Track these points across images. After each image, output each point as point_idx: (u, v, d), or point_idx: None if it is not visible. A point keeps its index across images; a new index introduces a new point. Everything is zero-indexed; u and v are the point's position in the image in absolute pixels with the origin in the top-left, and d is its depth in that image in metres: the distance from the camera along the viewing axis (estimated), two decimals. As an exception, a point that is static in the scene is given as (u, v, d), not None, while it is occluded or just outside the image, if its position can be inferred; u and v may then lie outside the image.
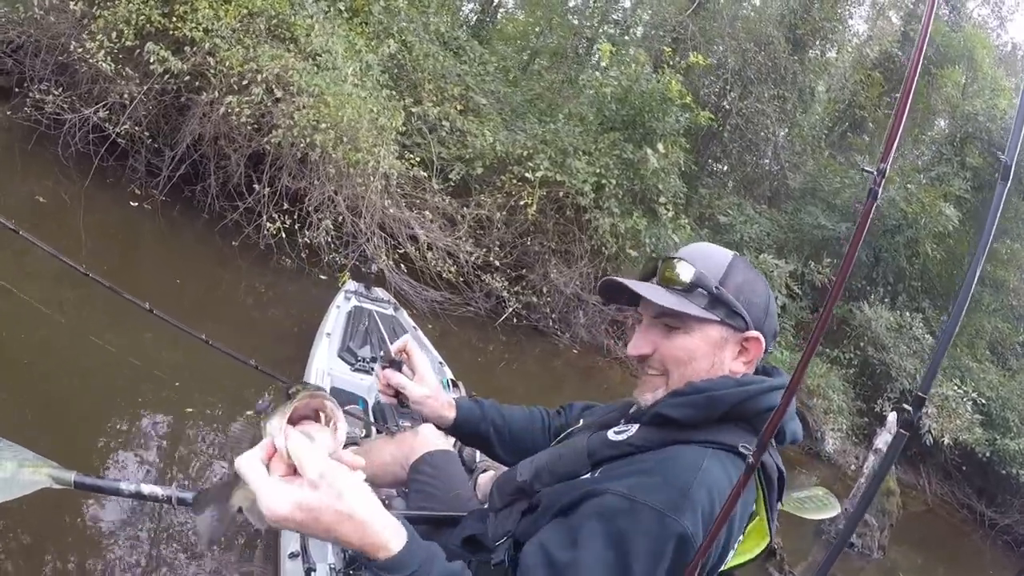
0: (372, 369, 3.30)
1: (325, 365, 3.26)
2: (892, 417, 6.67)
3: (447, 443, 1.90)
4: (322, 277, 5.58)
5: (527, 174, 6.55)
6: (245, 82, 4.99)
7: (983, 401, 8.06)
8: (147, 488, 1.14)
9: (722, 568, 1.02)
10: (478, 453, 2.06)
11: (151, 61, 4.91)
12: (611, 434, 1.09)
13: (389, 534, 0.78)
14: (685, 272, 1.07)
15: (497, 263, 6.44)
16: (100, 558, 2.48)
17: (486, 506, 1.32)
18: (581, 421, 1.34)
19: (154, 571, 2.53)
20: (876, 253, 8.97)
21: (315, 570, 1.88)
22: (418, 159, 6.15)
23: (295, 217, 5.31)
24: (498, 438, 1.41)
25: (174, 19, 5.02)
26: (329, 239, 5.42)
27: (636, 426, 1.08)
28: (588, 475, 1.06)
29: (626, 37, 9.84)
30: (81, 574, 2.40)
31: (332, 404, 0.77)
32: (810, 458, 8.05)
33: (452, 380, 3.23)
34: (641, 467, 0.99)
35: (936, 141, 10.03)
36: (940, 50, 9.44)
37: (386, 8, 6.78)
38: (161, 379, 3.58)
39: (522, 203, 6.60)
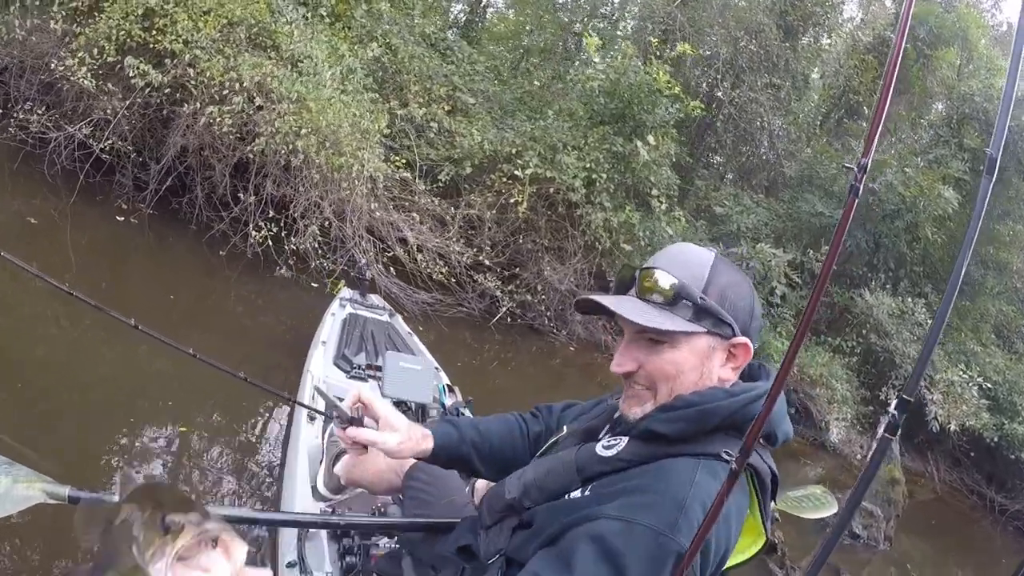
0: (368, 377, 3.28)
1: (321, 373, 3.26)
2: (896, 403, 6.58)
3: None
4: (313, 284, 5.58)
5: (516, 171, 6.53)
6: (226, 92, 5.01)
7: (989, 385, 7.94)
8: None
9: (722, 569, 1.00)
10: None
11: (132, 75, 4.93)
12: (600, 448, 1.06)
13: None
14: (665, 282, 1.01)
15: (488, 263, 6.42)
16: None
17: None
18: (564, 428, 1.31)
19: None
20: (876, 239, 8.85)
21: None
22: (404, 161, 6.14)
23: (281, 224, 5.32)
24: (478, 455, 1.38)
25: (154, 32, 5.04)
26: (316, 245, 5.42)
27: (625, 439, 1.05)
28: (579, 492, 1.04)
29: (617, 32, 9.80)
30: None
31: (219, 526, 0.68)
32: (815, 449, 7.96)
33: (448, 385, 3.20)
34: (633, 484, 0.96)
35: (933, 124, 9.90)
36: (933, 31, 9.32)
37: (369, 12, 6.77)
38: (155, 392, 3.59)
39: (512, 201, 6.59)
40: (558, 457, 1.14)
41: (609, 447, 1.05)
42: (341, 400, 1.33)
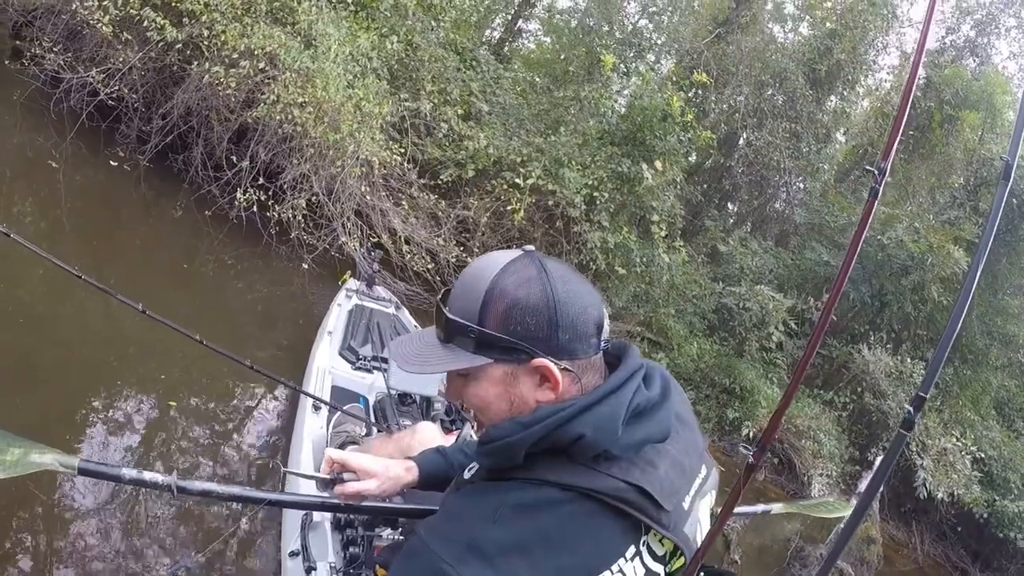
0: (373, 368, 3.31)
1: (327, 364, 3.27)
2: (879, 461, 6.35)
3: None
4: (305, 266, 5.60)
5: (518, 180, 6.52)
6: (236, 56, 5.11)
7: (982, 456, 7.60)
8: (148, 475, 1.14)
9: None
10: None
11: (148, 28, 5.07)
12: (466, 472, 1.05)
13: None
14: (440, 318, 0.96)
15: (475, 263, 6.37)
16: (100, 549, 2.47)
17: None
18: None
19: (155, 560, 2.53)
20: (882, 298, 8.66)
21: (315, 568, 1.90)
22: (403, 150, 6.18)
23: (269, 193, 5.36)
24: None
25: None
26: (300, 217, 5.43)
27: (476, 464, 1.04)
28: None
29: (640, 69, 9.87)
30: (81, 562, 2.40)
31: None
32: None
33: None
34: (444, 508, 0.95)
35: (950, 186, 9.76)
36: (960, 94, 9.26)
37: (395, 6, 6.89)
38: (153, 366, 3.59)
39: (510, 208, 6.56)
40: (454, 480, 1.15)
41: (469, 470, 1.05)
42: (330, 460, 1.42)
